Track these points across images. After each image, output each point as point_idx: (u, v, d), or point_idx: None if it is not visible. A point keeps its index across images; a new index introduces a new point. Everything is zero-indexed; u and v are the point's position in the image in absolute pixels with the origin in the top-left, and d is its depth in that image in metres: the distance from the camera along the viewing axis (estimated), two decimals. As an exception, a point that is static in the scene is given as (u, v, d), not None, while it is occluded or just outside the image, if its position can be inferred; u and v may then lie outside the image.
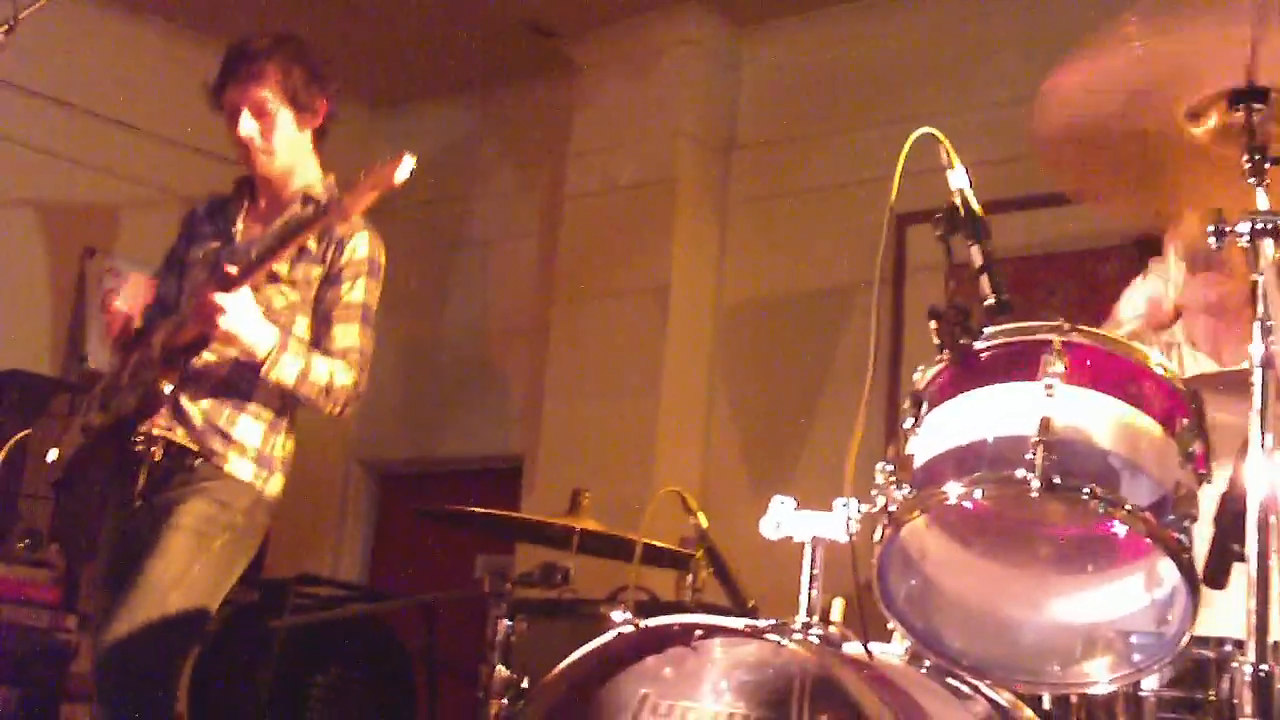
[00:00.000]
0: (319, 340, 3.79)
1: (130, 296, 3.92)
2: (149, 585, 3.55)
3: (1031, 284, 5.99)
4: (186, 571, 3.59)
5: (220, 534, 3.66)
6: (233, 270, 3.57)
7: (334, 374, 3.72)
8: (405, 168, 3.41)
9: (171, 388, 3.66)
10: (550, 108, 7.68)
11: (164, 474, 3.68)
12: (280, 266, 3.71)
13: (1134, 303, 3.55)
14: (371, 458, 8.28)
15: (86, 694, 4.39)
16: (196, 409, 3.71)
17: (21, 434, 4.68)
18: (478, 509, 4.25)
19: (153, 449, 3.68)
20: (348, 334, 3.79)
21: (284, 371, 3.65)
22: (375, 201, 3.52)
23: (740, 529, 2.64)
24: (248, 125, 3.82)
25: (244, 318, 3.57)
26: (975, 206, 2.43)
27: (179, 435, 3.69)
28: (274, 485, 3.80)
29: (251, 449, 3.74)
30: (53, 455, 3.87)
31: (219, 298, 3.53)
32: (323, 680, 5.85)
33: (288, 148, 3.88)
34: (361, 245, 3.81)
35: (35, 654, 5.66)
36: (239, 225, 3.94)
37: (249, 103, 3.81)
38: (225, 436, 3.71)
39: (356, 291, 3.81)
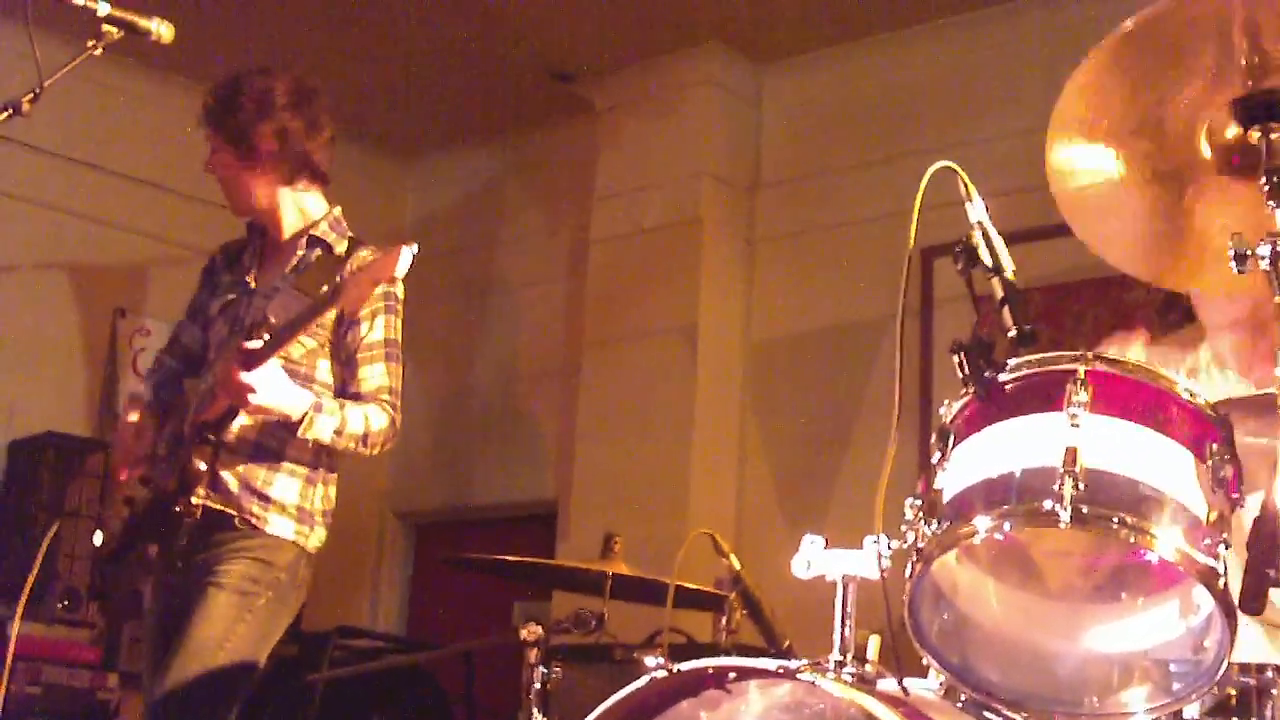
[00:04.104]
0: (345, 383, 3.79)
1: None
2: (194, 647, 3.57)
3: (1060, 312, 5.97)
4: (231, 632, 3.60)
5: (263, 593, 3.67)
6: (255, 347, 3.55)
7: (369, 420, 3.72)
8: (405, 260, 3.39)
9: (206, 465, 3.66)
10: (574, 151, 7.72)
11: (204, 534, 3.69)
12: None
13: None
14: (406, 508, 8.29)
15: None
16: (232, 474, 3.71)
17: (57, 525, 4.72)
18: (510, 557, 4.24)
19: (192, 513, 3.67)
20: (374, 374, 3.79)
21: (320, 431, 3.66)
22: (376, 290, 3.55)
23: (776, 567, 2.63)
24: (227, 186, 3.91)
25: (274, 390, 3.57)
26: (995, 238, 2.42)
27: (215, 503, 3.69)
28: (316, 539, 3.81)
29: (291, 506, 3.75)
30: (99, 538, 3.88)
31: (247, 376, 3.52)
32: (363, 732, 5.85)
33: (272, 198, 3.88)
34: None
35: (77, 714, 5.67)
36: (252, 274, 3.94)
37: (220, 166, 3.87)
38: (263, 498, 3.72)
39: (377, 330, 3.79)
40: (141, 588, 3.95)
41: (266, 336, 3.57)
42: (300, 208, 3.94)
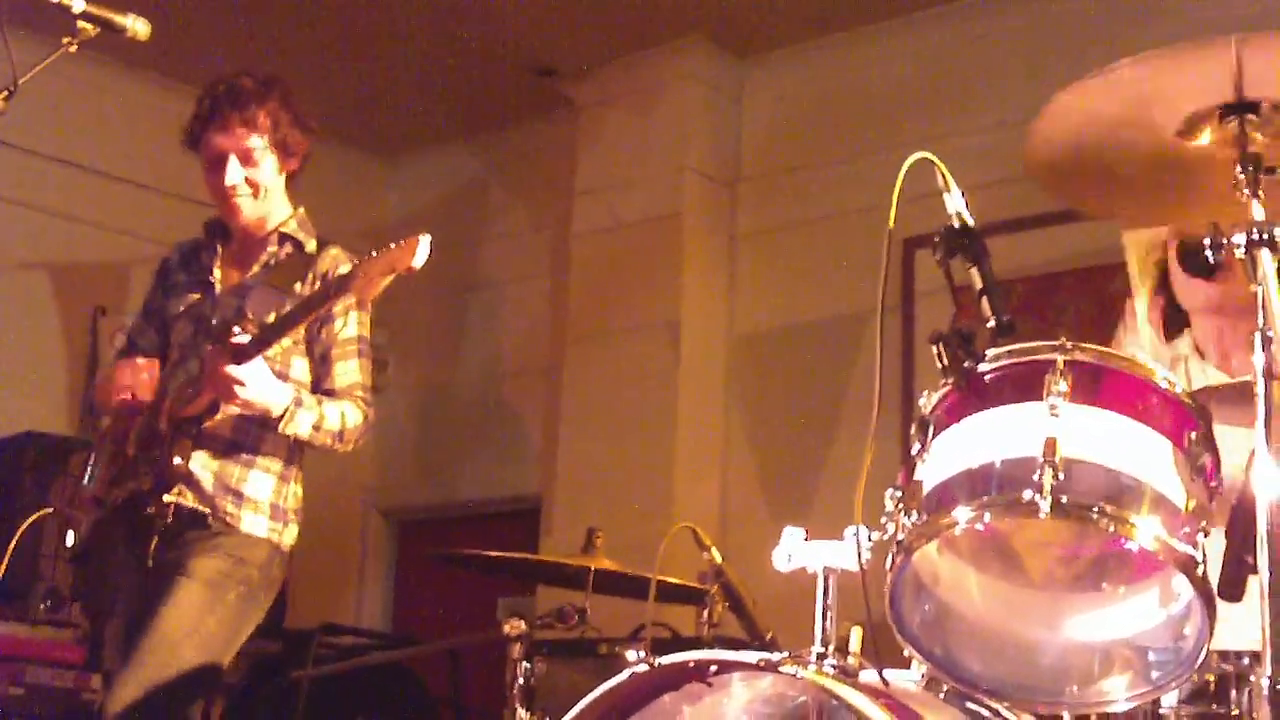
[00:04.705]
0: (320, 379, 3.81)
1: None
2: (161, 636, 3.55)
3: (1042, 303, 5.98)
4: (200, 624, 3.59)
5: (234, 587, 3.67)
6: (245, 342, 3.54)
7: (345, 416, 3.74)
8: (423, 250, 3.39)
9: (183, 460, 3.66)
10: (555, 147, 7.70)
11: (177, 533, 3.68)
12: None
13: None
14: (390, 504, 8.28)
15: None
16: (207, 472, 3.71)
17: (39, 513, 4.69)
18: (491, 553, 4.25)
19: (165, 514, 3.66)
20: (349, 371, 3.81)
21: (299, 426, 3.67)
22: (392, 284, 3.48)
23: (761, 561, 2.64)
24: (235, 173, 3.80)
25: (260, 385, 3.57)
26: (972, 229, 2.42)
27: (189, 500, 3.69)
28: (289, 536, 3.81)
29: (265, 504, 3.75)
30: (71, 539, 3.88)
31: (235, 371, 3.52)
32: (349, 730, 5.83)
33: (269, 193, 3.87)
34: None
35: (61, 715, 5.64)
36: (216, 273, 3.93)
37: (238, 150, 3.79)
38: (238, 495, 3.72)
39: (350, 327, 3.82)
40: (120, 584, 3.93)
41: (254, 331, 3.56)
42: (278, 206, 3.94)
